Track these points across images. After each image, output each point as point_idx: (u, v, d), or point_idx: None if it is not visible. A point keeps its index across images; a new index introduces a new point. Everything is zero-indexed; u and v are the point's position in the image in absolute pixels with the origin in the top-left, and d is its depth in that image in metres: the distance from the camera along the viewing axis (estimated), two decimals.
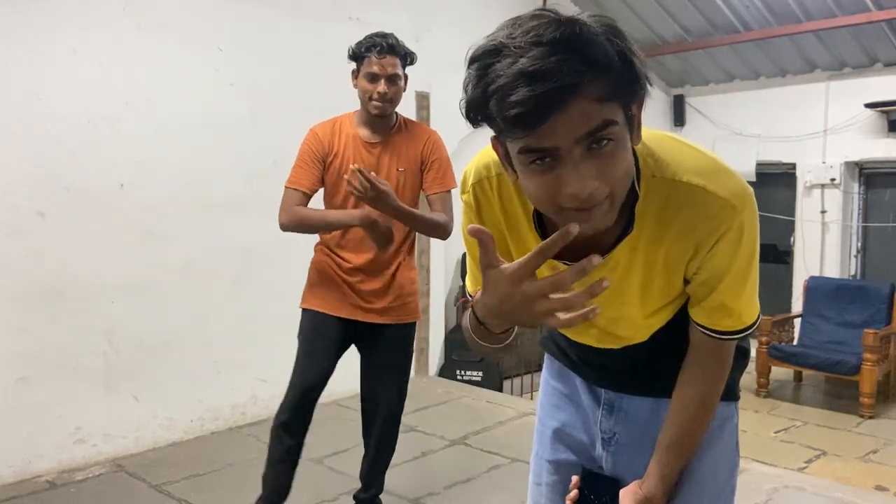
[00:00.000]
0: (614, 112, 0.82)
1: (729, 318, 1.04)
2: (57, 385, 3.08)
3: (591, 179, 0.82)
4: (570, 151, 0.81)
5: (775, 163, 6.16)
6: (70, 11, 3.06)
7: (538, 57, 0.76)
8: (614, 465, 1.21)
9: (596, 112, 0.80)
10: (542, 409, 1.34)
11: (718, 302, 1.02)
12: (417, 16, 4.30)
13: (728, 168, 0.97)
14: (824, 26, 5.16)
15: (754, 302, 1.05)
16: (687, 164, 0.96)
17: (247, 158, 3.71)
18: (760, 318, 1.08)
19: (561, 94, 0.76)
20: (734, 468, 1.23)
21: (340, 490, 2.93)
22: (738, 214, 0.94)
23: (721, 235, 0.95)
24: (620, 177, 0.85)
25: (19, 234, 2.97)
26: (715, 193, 0.93)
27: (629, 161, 0.87)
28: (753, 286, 1.03)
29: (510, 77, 0.76)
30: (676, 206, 0.95)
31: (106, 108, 3.19)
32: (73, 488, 2.94)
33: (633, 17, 5.77)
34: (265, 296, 3.80)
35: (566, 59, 0.76)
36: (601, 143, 0.81)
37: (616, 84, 0.80)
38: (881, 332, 4.68)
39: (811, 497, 2.94)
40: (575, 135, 0.80)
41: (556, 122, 0.78)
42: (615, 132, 0.82)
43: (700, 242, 0.97)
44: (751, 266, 1.00)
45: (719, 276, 0.99)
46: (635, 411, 1.19)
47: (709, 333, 1.06)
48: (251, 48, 3.71)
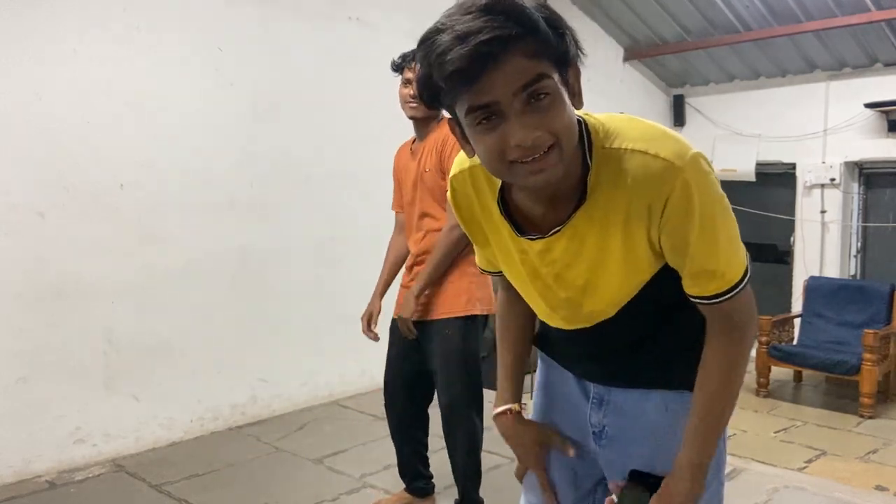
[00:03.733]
0: (547, 68, 0.90)
1: (713, 281, 1.03)
2: (57, 385, 3.08)
3: (534, 129, 0.90)
4: (511, 105, 0.89)
5: (775, 163, 6.16)
6: (70, 12, 3.05)
7: (468, 21, 0.86)
8: (605, 460, 1.22)
9: (529, 67, 0.88)
10: (534, 411, 1.36)
11: (698, 266, 1.01)
12: (417, 16, 4.29)
13: (674, 135, 0.99)
14: (824, 26, 5.16)
15: (737, 256, 1.04)
16: (632, 134, 0.99)
17: (247, 159, 3.71)
18: (749, 270, 1.05)
19: (491, 46, 0.85)
20: (719, 468, 1.19)
21: (340, 490, 2.93)
22: (679, 173, 0.95)
23: (668, 197, 0.96)
24: (562, 127, 0.92)
25: (19, 234, 2.97)
26: (656, 155, 0.96)
27: (570, 115, 0.94)
28: (728, 242, 1.02)
29: (446, 43, 0.86)
30: (624, 174, 0.98)
31: (106, 107, 3.19)
32: (72, 488, 2.94)
33: (633, 17, 5.78)
34: (265, 296, 3.81)
35: (493, 17, 0.85)
36: (539, 97, 0.89)
37: (546, 44, 0.89)
38: (881, 332, 4.68)
39: (811, 497, 2.94)
40: (512, 88, 0.88)
41: (493, 78, 0.87)
42: (550, 86, 0.90)
43: (651, 206, 0.98)
44: (715, 223, 0.99)
45: (684, 238, 0.99)
46: (623, 404, 1.19)
47: (704, 302, 1.05)
48: (251, 48, 3.70)
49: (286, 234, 3.90)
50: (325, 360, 4.04)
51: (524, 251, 1.11)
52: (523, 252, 1.12)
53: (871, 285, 5.27)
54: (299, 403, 3.97)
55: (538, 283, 1.14)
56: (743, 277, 1.04)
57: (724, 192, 1.01)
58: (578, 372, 1.25)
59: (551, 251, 1.08)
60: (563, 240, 1.05)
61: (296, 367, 3.96)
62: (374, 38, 4.15)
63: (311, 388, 4.04)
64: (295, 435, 3.58)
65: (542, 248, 1.08)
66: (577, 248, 1.05)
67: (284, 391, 3.93)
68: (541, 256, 1.09)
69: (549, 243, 1.07)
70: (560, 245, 1.06)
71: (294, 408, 3.94)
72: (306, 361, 4.00)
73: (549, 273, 1.11)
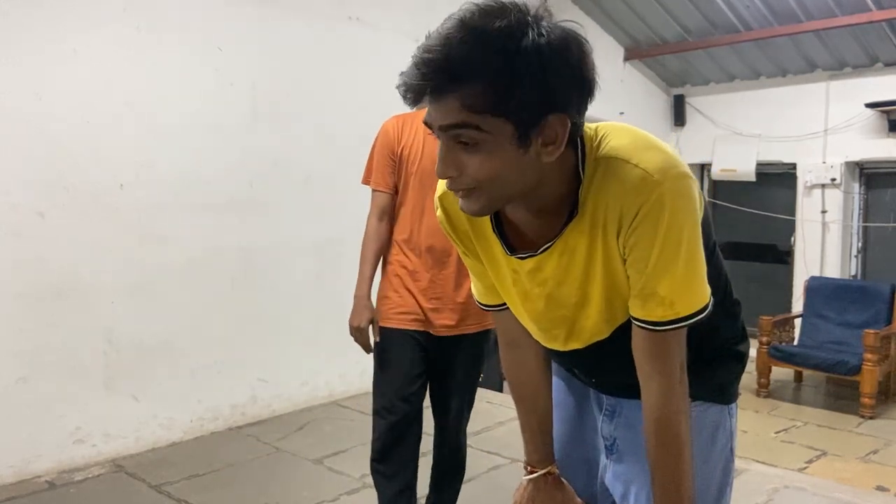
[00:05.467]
0: (480, 120, 0.87)
1: (661, 307, 0.98)
2: (57, 385, 3.08)
3: (451, 168, 0.92)
4: (441, 136, 0.91)
5: (775, 163, 6.16)
6: (70, 12, 3.05)
7: (424, 50, 0.86)
8: (614, 474, 1.19)
9: (456, 113, 0.87)
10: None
11: (651, 289, 0.97)
12: (417, 16, 4.30)
13: (664, 149, 0.96)
14: (824, 26, 5.16)
15: (691, 291, 0.98)
16: (620, 143, 0.97)
17: (247, 158, 3.71)
18: (707, 312, 0.99)
19: (419, 90, 0.87)
20: (726, 475, 1.18)
21: (340, 490, 2.92)
22: (656, 187, 0.92)
23: (640, 208, 0.93)
24: (485, 177, 0.91)
25: (19, 234, 2.97)
26: (636, 166, 0.93)
27: (502, 167, 0.90)
28: (685, 273, 0.96)
29: (413, 58, 0.88)
30: (606, 182, 0.96)
31: (106, 108, 3.19)
32: (72, 488, 2.94)
33: (633, 17, 5.78)
34: (265, 296, 3.81)
35: (431, 60, 0.85)
36: (466, 143, 0.89)
37: (483, 99, 0.85)
38: (882, 332, 4.67)
39: (811, 497, 2.94)
40: (438, 122, 0.90)
41: (432, 105, 0.89)
42: (474, 136, 0.88)
43: (622, 215, 0.95)
44: (679, 249, 0.94)
45: (645, 256, 0.95)
46: (633, 416, 1.14)
47: (643, 325, 1.00)
48: (251, 48, 3.70)
49: (286, 234, 3.90)
50: (325, 360, 4.04)
51: (515, 271, 1.09)
52: (514, 272, 1.09)
53: (871, 285, 5.26)
54: (299, 403, 3.97)
55: (528, 304, 1.12)
56: (691, 316, 0.99)
57: (699, 224, 0.97)
58: (590, 384, 1.24)
59: (542, 270, 1.05)
60: (555, 256, 1.03)
61: (296, 367, 3.96)
62: (374, 38, 4.15)
63: (311, 388, 4.04)
64: (295, 435, 3.58)
65: (532, 268, 1.06)
66: (567, 263, 1.03)
67: (284, 391, 3.93)
68: (531, 276, 1.07)
69: (539, 262, 1.04)
70: (551, 262, 1.03)
71: (294, 408, 3.94)
72: (306, 361, 4.00)
73: (540, 294, 1.08)
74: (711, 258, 1.09)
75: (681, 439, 1.02)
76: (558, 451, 1.28)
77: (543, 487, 1.24)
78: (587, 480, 1.27)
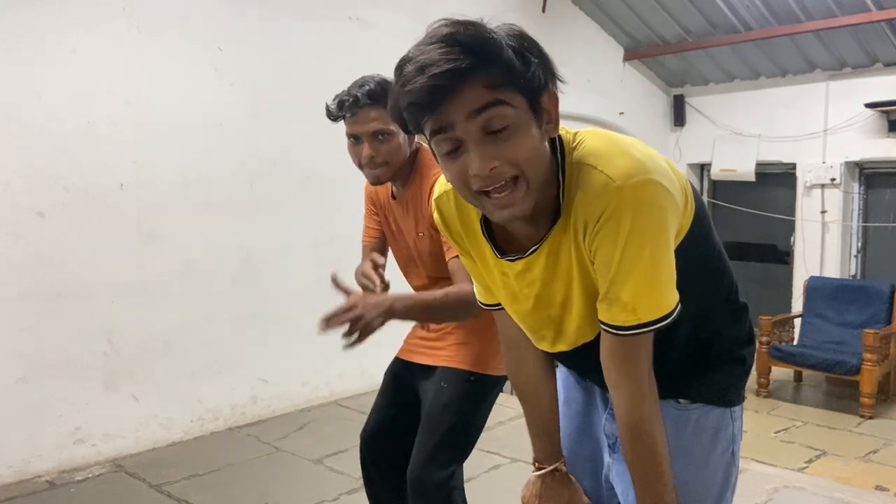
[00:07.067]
0: (508, 96, 0.90)
1: (624, 312, 0.98)
2: (57, 385, 3.08)
3: (491, 159, 0.91)
4: (468, 133, 0.90)
5: (775, 163, 6.16)
6: (70, 12, 3.05)
7: (429, 52, 0.88)
8: (617, 472, 1.20)
9: (484, 94, 0.89)
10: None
11: (614, 294, 0.98)
12: (417, 16, 4.30)
13: (634, 156, 0.95)
14: (824, 26, 5.16)
15: (657, 299, 0.98)
16: (591, 148, 0.98)
17: (247, 158, 3.71)
18: (672, 318, 0.98)
19: (445, 79, 0.87)
20: (727, 479, 1.18)
21: (340, 490, 2.93)
22: (617, 193, 0.92)
23: (602, 214, 0.93)
24: (525, 158, 0.92)
25: (19, 234, 2.97)
26: (601, 171, 0.95)
27: (535, 146, 0.93)
28: (652, 280, 0.96)
29: (408, 75, 0.89)
30: (577, 188, 0.97)
31: (106, 108, 3.19)
32: (72, 488, 2.94)
33: (633, 17, 5.78)
34: (265, 296, 3.81)
35: (450, 49, 0.87)
36: (497, 128, 0.90)
37: (509, 75, 0.89)
38: (881, 332, 4.67)
39: (811, 497, 2.94)
40: (465, 111, 0.89)
41: (449, 109, 0.89)
42: (507, 113, 0.90)
43: (588, 221, 0.96)
44: (640, 254, 0.94)
45: (608, 261, 0.96)
46: None
47: (608, 329, 1.01)
48: (251, 48, 3.70)
49: (286, 234, 3.90)
50: (325, 360, 4.04)
51: (504, 273, 1.11)
52: (504, 274, 1.11)
53: (871, 285, 5.26)
54: (299, 403, 3.97)
55: (517, 305, 1.14)
56: (654, 322, 0.98)
57: (667, 230, 0.95)
58: (592, 379, 1.25)
59: (531, 271, 1.07)
60: (542, 257, 1.04)
61: (296, 367, 3.96)
62: (374, 38, 4.15)
63: (311, 388, 4.04)
64: (295, 435, 3.58)
65: (521, 269, 1.07)
66: (553, 264, 1.04)
67: (284, 391, 3.93)
68: (520, 278, 1.09)
69: (528, 263, 1.06)
70: (539, 263, 1.05)
71: (294, 408, 3.94)
72: (306, 361, 3.99)
73: (528, 295, 1.10)
74: (711, 261, 1.09)
75: (654, 441, 1.03)
76: (566, 448, 1.28)
77: (551, 484, 1.25)
78: (594, 477, 1.28)
